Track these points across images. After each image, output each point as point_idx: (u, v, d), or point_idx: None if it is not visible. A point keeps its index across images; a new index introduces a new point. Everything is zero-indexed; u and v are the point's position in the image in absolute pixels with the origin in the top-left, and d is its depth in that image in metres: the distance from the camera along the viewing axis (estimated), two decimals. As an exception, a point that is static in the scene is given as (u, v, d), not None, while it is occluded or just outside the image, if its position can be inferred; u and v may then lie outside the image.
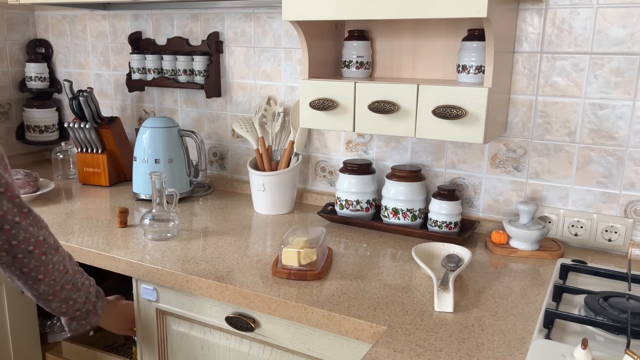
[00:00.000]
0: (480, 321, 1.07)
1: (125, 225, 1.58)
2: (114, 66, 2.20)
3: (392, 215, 1.55)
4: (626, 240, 1.41)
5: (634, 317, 1.00)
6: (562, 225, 1.48)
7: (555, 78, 1.43)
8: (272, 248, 1.43)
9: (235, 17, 1.86)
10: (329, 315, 1.09)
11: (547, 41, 1.42)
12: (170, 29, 2.01)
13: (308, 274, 1.23)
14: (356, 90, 1.38)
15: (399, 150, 1.68)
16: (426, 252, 1.36)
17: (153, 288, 1.35)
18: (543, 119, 1.46)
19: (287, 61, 1.80)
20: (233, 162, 2.01)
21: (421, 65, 1.54)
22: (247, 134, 1.77)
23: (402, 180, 1.54)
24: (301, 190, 1.86)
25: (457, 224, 1.51)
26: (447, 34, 1.49)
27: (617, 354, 0.92)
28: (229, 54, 1.91)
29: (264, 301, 1.17)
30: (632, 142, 1.37)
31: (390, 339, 1.00)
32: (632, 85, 1.35)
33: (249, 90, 1.90)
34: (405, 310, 1.10)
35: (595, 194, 1.44)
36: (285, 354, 1.21)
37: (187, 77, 1.94)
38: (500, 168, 1.54)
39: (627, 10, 1.32)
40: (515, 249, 1.41)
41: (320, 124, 1.45)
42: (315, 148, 1.82)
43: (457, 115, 1.25)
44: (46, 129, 2.32)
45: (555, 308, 1.08)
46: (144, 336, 1.42)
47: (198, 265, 1.31)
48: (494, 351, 0.97)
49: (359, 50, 1.53)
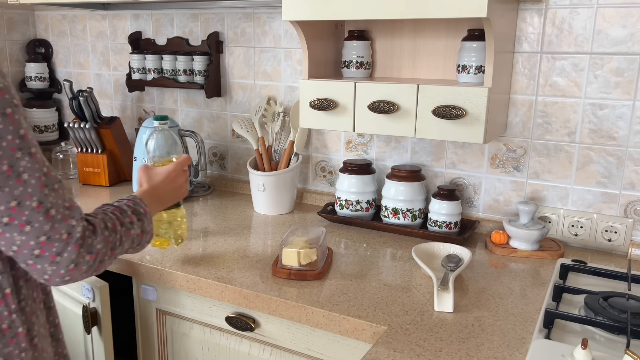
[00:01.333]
0: (480, 321, 1.07)
1: (125, 225, 1.57)
2: (114, 66, 2.20)
3: (392, 215, 1.55)
4: (626, 240, 1.41)
5: (634, 317, 1.00)
6: (562, 225, 1.48)
7: (555, 78, 1.43)
8: (272, 248, 1.43)
9: (235, 17, 1.86)
10: (329, 315, 1.09)
11: (547, 41, 1.42)
12: (170, 29, 2.01)
13: (308, 274, 1.23)
14: (356, 90, 1.38)
15: (399, 150, 1.68)
16: (426, 252, 1.36)
17: (153, 288, 1.35)
18: (543, 119, 1.46)
19: (287, 61, 1.80)
20: (233, 162, 2.01)
21: (421, 65, 1.54)
22: (247, 134, 1.77)
23: (402, 180, 1.54)
24: (301, 190, 1.86)
25: (457, 224, 1.51)
26: (447, 34, 1.49)
27: (617, 354, 0.92)
28: (229, 54, 1.91)
29: (264, 301, 1.17)
30: (632, 142, 1.37)
31: (390, 339, 1.00)
32: (632, 85, 1.35)
33: (249, 90, 1.90)
34: (405, 310, 1.10)
35: (595, 194, 1.44)
36: (285, 354, 1.21)
37: (187, 77, 1.94)
38: (500, 168, 1.54)
39: (627, 10, 1.32)
40: (515, 249, 1.41)
41: (320, 124, 1.45)
42: (315, 148, 1.82)
43: (457, 115, 1.26)
44: (46, 129, 2.32)
45: (555, 308, 1.08)
46: (144, 336, 1.42)
47: (198, 265, 1.31)
48: (494, 351, 0.97)
49: (359, 50, 1.53)
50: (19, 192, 0.78)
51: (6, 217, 0.78)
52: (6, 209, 0.78)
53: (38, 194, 0.80)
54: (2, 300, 0.88)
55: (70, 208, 0.85)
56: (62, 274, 0.84)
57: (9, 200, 0.78)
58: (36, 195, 0.80)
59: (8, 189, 0.78)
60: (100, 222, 0.90)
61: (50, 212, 0.81)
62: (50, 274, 0.84)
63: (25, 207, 0.79)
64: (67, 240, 0.83)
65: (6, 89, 0.77)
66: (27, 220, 0.80)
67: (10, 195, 0.78)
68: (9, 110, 0.77)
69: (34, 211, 0.80)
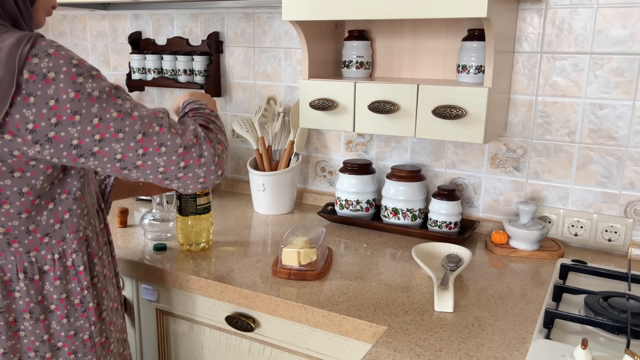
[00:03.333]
0: (480, 321, 1.07)
1: (125, 225, 1.58)
2: (114, 66, 2.20)
3: (392, 215, 1.55)
4: (626, 240, 1.41)
5: (634, 317, 1.00)
6: (562, 225, 1.48)
7: (555, 78, 1.43)
8: (272, 248, 1.43)
9: (235, 17, 1.86)
10: (329, 315, 1.09)
11: (547, 41, 1.42)
12: (170, 29, 2.01)
13: (308, 274, 1.23)
14: (356, 90, 1.38)
15: (399, 150, 1.68)
16: (426, 252, 1.36)
17: (153, 288, 1.35)
18: (543, 119, 1.46)
19: (287, 61, 1.80)
20: (233, 162, 2.01)
21: (421, 65, 1.54)
22: (247, 134, 1.77)
23: (402, 180, 1.54)
24: (301, 190, 1.86)
25: (457, 224, 1.51)
26: (447, 34, 1.49)
27: (617, 354, 0.92)
28: (229, 54, 1.91)
29: (264, 301, 1.17)
30: (632, 142, 1.37)
31: (390, 339, 1.00)
32: (632, 85, 1.35)
33: (249, 90, 1.90)
34: (405, 310, 1.10)
35: (595, 194, 1.44)
36: (285, 354, 1.21)
37: (187, 77, 1.94)
38: (500, 168, 1.54)
39: (627, 10, 1.32)
40: (515, 249, 1.41)
41: (320, 124, 1.45)
42: (315, 148, 1.82)
43: (457, 115, 1.26)
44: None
45: (555, 308, 1.08)
46: (144, 336, 1.42)
47: (198, 265, 1.31)
48: (494, 351, 0.97)
49: (359, 50, 1.53)
50: (138, 126, 0.87)
51: (140, 149, 0.88)
52: (136, 143, 0.87)
53: (154, 119, 0.89)
54: (76, 277, 0.97)
55: (179, 122, 0.96)
56: (213, 170, 0.95)
57: (134, 135, 0.86)
58: (154, 121, 0.89)
59: (128, 128, 0.86)
60: (200, 120, 1.02)
61: (172, 129, 0.90)
62: (204, 175, 0.94)
63: (150, 134, 0.88)
64: (198, 143, 0.93)
65: (82, 60, 0.84)
66: (158, 143, 0.89)
67: (133, 132, 0.86)
68: (94, 72, 0.84)
69: (159, 134, 0.89)
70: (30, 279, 0.93)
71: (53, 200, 0.93)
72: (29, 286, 0.93)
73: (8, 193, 0.87)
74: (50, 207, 0.93)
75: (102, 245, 1.04)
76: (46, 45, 0.81)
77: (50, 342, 0.96)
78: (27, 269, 0.92)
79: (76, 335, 0.98)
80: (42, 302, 0.94)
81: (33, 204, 0.90)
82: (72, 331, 0.97)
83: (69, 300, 0.96)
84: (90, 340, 0.99)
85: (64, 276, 0.95)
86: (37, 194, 0.90)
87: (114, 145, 0.85)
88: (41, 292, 0.94)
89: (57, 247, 0.94)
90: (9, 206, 0.88)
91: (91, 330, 0.99)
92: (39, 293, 0.94)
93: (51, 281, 0.94)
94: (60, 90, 0.80)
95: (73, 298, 0.96)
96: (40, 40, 0.81)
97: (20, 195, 0.88)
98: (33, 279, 0.93)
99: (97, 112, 0.83)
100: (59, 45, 0.83)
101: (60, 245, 0.95)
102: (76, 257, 0.96)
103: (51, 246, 0.94)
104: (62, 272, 0.95)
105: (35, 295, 0.93)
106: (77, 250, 0.96)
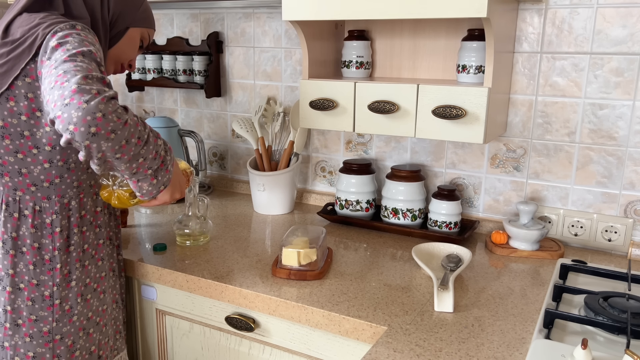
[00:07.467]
0: (480, 321, 1.07)
1: (125, 225, 1.58)
2: (114, 66, 2.20)
3: (392, 215, 1.55)
4: (626, 240, 1.41)
5: (634, 317, 1.00)
6: (562, 225, 1.48)
7: (555, 78, 1.43)
8: (272, 248, 1.43)
9: (235, 17, 1.86)
10: (329, 315, 1.09)
11: (547, 41, 1.42)
12: (170, 29, 2.01)
13: (308, 274, 1.23)
14: (356, 90, 1.38)
15: (399, 150, 1.68)
16: (426, 252, 1.36)
17: (153, 288, 1.35)
18: (543, 119, 1.46)
19: (287, 61, 1.80)
20: (233, 162, 2.01)
21: (421, 65, 1.54)
22: (247, 134, 1.77)
23: (402, 180, 1.54)
24: (301, 190, 1.86)
25: (457, 224, 1.51)
26: (447, 34, 1.49)
27: (617, 354, 0.92)
28: (228, 54, 1.91)
29: (263, 301, 1.17)
30: (632, 142, 1.37)
31: (390, 339, 1.00)
32: (632, 85, 1.35)
33: (249, 90, 1.90)
34: (405, 310, 1.10)
35: (595, 194, 1.44)
36: (285, 354, 1.21)
37: (187, 77, 1.94)
38: (500, 168, 1.54)
39: (627, 10, 1.32)
40: (515, 249, 1.41)
41: (320, 124, 1.45)
42: (315, 148, 1.82)
43: (457, 115, 1.26)
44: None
45: (555, 308, 1.08)
46: (144, 336, 1.42)
47: (198, 265, 1.31)
48: (494, 351, 0.97)
49: (359, 50, 1.53)
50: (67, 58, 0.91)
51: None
52: (55, 69, 0.91)
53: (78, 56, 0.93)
54: (51, 235, 1.06)
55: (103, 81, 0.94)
56: (88, 120, 0.84)
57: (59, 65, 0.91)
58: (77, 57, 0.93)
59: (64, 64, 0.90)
60: (132, 112, 0.96)
61: (79, 65, 0.91)
62: (76, 121, 0.84)
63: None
64: (95, 95, 0.86)
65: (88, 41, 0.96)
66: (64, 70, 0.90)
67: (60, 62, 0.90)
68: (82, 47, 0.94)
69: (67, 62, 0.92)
70: (10, 214, 1.06)
71: (50, 162, 1.04)
72: (8, 219, 1.06)
73: (12, 131, 1.01)
74: (45, 165, 1.04)
75: (90, 224, 1.13)
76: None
77: (14, 278, 1.07)
78: (10, 203, 1.06)
79: (37, 286, 1.07)
80: (15, 240, 1.06)
81: (30, 150, 1.03)
82: (35, 280, 1.07)
83: (39, 252, 1.07)
84: (50, 298, 1.08)
85: (40, 229, 1.06)
86: (35, 144, 1.02)
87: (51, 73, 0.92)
88: (17, 231, 1.06)
89: (41, 201, 1.06)
90: (10, 142, 1.02)
91: (53, 290, 1.07)
92: (14, 230, 1.06)
93: (27, 226, 1.06)
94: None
95: (44, 253, 1.07)
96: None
97: (21, 137, 1.02)
98: (12, 215, 1.06)
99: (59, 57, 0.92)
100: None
101: (45, 202, 1.06)
102: (55, 218, 1.07)
103: (36, 197, 1.06)
104: (39, 224, 1.06)
105: (11, 230, 1.06)
106: (58, 212, 1.07)
